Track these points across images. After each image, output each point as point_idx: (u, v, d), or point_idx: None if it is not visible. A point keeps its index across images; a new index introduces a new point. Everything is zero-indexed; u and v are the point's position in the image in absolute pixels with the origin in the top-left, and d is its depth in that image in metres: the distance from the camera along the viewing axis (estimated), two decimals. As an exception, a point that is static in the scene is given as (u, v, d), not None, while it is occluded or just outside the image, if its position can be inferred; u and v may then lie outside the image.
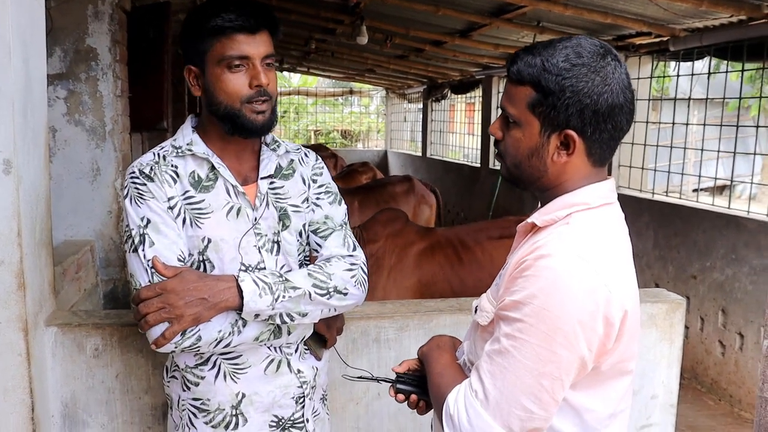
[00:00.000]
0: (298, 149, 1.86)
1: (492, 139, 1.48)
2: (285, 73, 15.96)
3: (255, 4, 1.65)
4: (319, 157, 1.91)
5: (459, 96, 11.55)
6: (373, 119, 21.92)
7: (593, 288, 1.23)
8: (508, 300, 1.27)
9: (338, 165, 10.72)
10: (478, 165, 10.28)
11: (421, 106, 13.78)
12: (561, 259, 1.25)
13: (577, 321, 1.22)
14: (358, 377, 1.68)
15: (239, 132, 1.67)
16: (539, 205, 1.44)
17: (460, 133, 12.70)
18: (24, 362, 1.95)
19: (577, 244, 1.27)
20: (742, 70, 5.24)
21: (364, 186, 7.23)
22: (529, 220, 1.39)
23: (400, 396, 1.58)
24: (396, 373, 1.61)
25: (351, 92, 18.42)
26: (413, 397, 1.58)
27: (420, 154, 13.82)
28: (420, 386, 1.57)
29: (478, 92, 10.38)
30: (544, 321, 1.22)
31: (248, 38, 1.63)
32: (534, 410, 1.24)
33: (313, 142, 20.68)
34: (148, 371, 2.18)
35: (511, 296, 1.27)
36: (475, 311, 1.47)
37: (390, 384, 1.60)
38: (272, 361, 1.75)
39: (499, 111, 1.40)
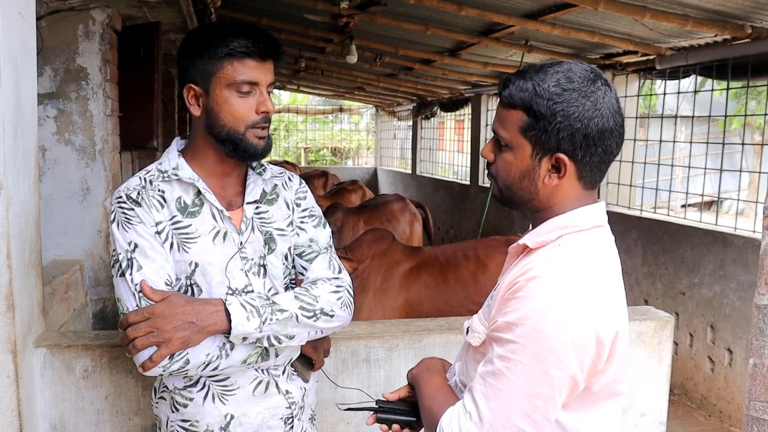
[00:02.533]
0: (281, 173, 1.88)
1: (483, 159, 1.50)
2: (275, 90, 16.01)
3: (265, 32, 1.68)
4: (303, 181, 1.92)
5: (448, 114, 11.60)
6: (363, 137, 21.98)
7: (585, 309, 1.24)
8: (501, 321, 1.28)
9: (329, 184, 10.68)
10: (468, 182, 10.31)
11: (410, 123, 13.84)
12: (553, 281, 1.26)
13: (570, 341, 1.23)
14: (346, 408, 1.68)
15: (240, 155, 1.69)
16: (530, 226, 1.45)
17: (450, 150, 12.74)
18: (12, 384, 1.93)
19: (568, 266, 1.29)
20: (728, 89, 5.30)
21: (367, 205, 7.27)
22: (521, 241, 1.40)
23: (383, 426, 1.59)
24: (378, 401, 1.61)
25: (341, 110, 18.47)
26: (395, 426, 1.58)
27: (410, 171, 13.85)
28: (404, 413, 1.58)
29: (467, 110, 10.44)
30: (537, 342, 1.22)
31: (258, 64, 1.65)
32: (528, 431, 1.25)
33: (303, 160, 20.70)
34: (137, 392, 2.17)
35: (504, 317, 1.28)
36: (467, 332, 1.47)
37: (373, 412, 1.61)
38: (260, 382, 1.75)
39: (489, 130, 1.42)
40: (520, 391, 1.24)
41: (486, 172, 1.48)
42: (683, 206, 8.87)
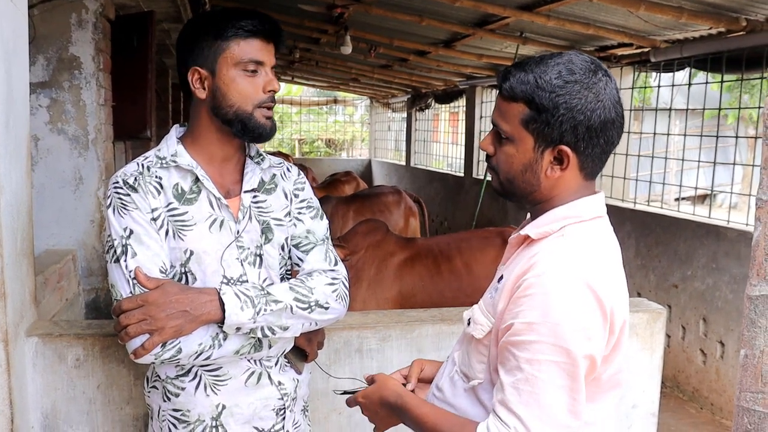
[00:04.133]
0: (280, 164, 1.87)
1: (477, 150, 1.50)
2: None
3: (269, 16, 1.69)
4: (301, 171, 1.92)
5: (443, 105, 11.59)
6: (357, 128, 21.93)
7: (598, 298, 1.25)
8: (519, 324, 1.26)
9: (308, 179, 10.59)
10: (462, 174, 10.31)
11: (405, 115, 13.82)
12: (563, 273, 1.26)
13: (592, 330, 1.24)
14: (342, 393, 1.69)
15: (248, 135, 1.69)
16: (528, 217, 1.45)
17: (444, 142, 12.74)
18: (4, 373, 1.93)
19: (576, 257, 1.29)
20: (721, 81, 5.31)
21: (359, 195, 7.23)
22: (522, 232, 1.41)
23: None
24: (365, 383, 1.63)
25: (335, 101, 18.43)
26: None
27: (404, 163, 13.85)
28: None
29: (461, 102, 10.42)
30: (561, 336, 1.22)
31: (263, 45, 1.67)
32: (572, 424, 1.25)
33: (297, 152, 20.65)
34: (129, 382, 2.17)
35: (519, 318, 1.27)
36: (468, 323, 1.46)
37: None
38: (252, 373, 1.75)
39: (484, 122, 1.42)
40: (558, 390, 1.23)
41: (486, 165, 1.47)
42: (677, 199, 8.89)
